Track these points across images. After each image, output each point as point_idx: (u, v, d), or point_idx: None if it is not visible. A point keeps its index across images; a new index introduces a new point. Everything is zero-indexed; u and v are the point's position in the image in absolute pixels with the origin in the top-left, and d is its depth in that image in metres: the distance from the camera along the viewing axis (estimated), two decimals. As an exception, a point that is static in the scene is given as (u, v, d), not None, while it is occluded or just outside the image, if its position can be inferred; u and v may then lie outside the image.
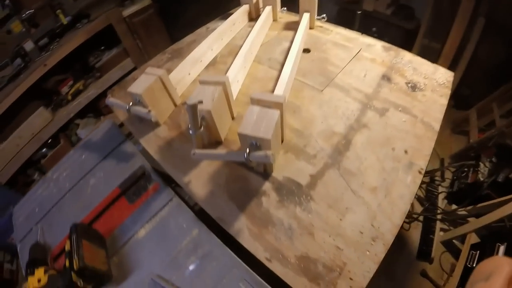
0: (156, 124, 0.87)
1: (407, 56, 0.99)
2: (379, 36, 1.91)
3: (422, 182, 1.55)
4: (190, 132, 0.72)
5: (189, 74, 0.94)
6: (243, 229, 0.68)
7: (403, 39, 1.82)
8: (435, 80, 0.92)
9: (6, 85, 1.48)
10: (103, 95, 1.65)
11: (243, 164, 0.76)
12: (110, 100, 0.83)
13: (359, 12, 1.54)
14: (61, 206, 0.84)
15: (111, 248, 0.74)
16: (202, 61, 0.98)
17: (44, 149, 1.59)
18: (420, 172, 0.74)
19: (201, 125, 0.72)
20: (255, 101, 0.70)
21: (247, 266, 0.66)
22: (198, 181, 0.75)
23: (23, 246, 0.78)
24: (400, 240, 1.44)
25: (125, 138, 0.91)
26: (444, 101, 0.87)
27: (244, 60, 0.92)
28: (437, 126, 0.82)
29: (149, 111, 0.78)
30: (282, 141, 0.79)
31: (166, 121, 0.88)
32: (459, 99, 1.86)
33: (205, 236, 0.70)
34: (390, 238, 0.66)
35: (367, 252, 0.64)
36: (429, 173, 1.52)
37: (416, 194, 1.60)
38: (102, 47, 1.75)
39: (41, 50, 1.48)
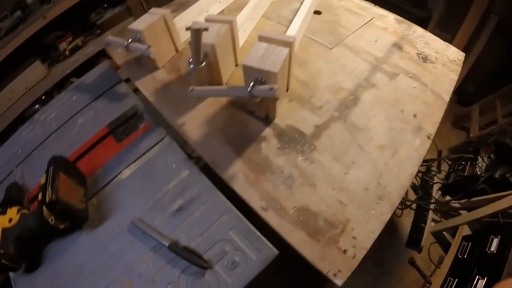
0: (155, 67, 0.78)
1: (419, 31, 0.93)
2: None
3: (418, 171, 1.48)
4: (191, 66, 0.64)
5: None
6: (238, 175, 0.60)
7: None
8: (446, 56, 0.86)
9: (3, 37, 1.37)
10: (101, 53, 1.55)
11: (244, 108, 0.68)
12: (109, 38, 0.75)
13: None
14: (45, 146, 0.75)
15: (92, 189, 0.65)
16: (209, 11, 0.90)
17: (37, 106, 1.47)
18: (429, 138, 0.67)
19: (203, 61, 0.64)
20: (263, 39, 0.63)
21: (239, 213, 0.57)
22: (194, 122, 0.67)
23: (1, 189, 0.68)
24: (391, 225, 1.37)
25: (120, 79, 0.81)
26: (454, 77, 0.81)
27: (253, 11, 0.85)
28: (446, 97, 0.76)
29: (149, 46, 0.70)
30: (287, 90, 0.71)
31: (166, 65, 0.80)
32: (463, 95, 1.81)
33: (195, 178, 0.61)
34: (397, 198, 0.59)
35: (372, 211, 0.57)
36: (426, 162, 1.46)
37: (411, 182, 1.55)
38: (105, 4, 1.63)
39: (42, 2, 1.38)
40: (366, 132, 0.66)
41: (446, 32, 1.64)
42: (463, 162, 1.38)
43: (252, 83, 0.56)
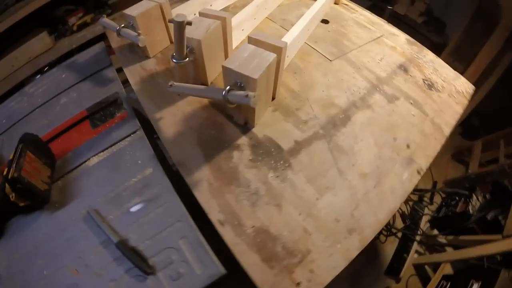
0: (146, 56, 0.72)
1: (429, 55, 0.83)
2: None
3: (409, 200, 1.38)
4: (173, 60, 0.57)
5: (195, 14, 0.79)
6: (202, 181, 0.53)
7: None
8: (454, 86, 0.77)
9: (13, 4, 1.32)
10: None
11: (224, 111, 0.61)
12: (104, 20, 0.70)
13: (390, 7, 1.38)
14: (27, 120, 0.70)
15: (59, 171, 0.60)
16: (212, 6, 0.83)
17: (38, 76, 1.44)
18: (419, 172, 0.59)
19: (187, 56, 0.57)
20: (252, 41, 0.55)
21: (193, 222, 0.51)
22: (171, 118, 0.61)
23: None
24: (373, 250, 1.28)
25: (110, 63, 0.76)
26: (459, 110, 0.72)
27: (256, 10, 0.77)
28: (447, 130, 0.67)
29: (139, 34, 0.64)
30: (273, 98, 0.64)
31: (157, 55, 0.73)
32: (467, 128, 1.68)
33: (158, 177, 0.55)
34: (369, 235, 0.50)
35: (339, 245, 0.49)
36: (419, 191, 1.35)
37: (400, 209, 1.44)
38: (120, -16, 1.58)
39: (57, -28, 1.35)
40: (350, 156, 0.57)
41: (460, 62, 1.51)
42: (457, 198, 1.26)
43: (228, 87, 0.49)
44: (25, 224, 0.54)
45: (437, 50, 1.60)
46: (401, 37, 0.86)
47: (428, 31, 1.65)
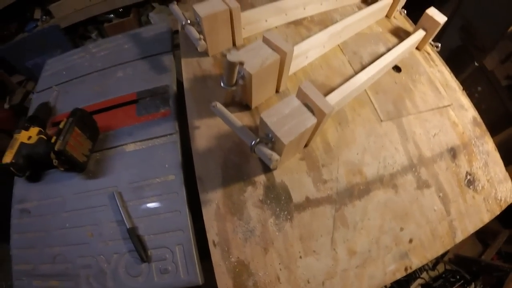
0: (205, 52, 0.71)
1: (489, 145, 0.74)
2: (479, 99, 1.50)
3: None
4: (221, 84, 0.57)
5: (266, 21, 0.75)
6: (212, 202, 0.58)
7: (498, 118, 1.42)
8: (495, 190, 0.70)
9: None
10: None
11: (253, 144, 0.62)
12: (174, 7, 0.68)
13: (477, 64, 1.17)
14: (84, 80, 0.77)
15: (100, 144, 0.68)
16: (288, 14, 0.77)
17: (111, 15, 1.48)
18: (406, 270, 0.59)
19: (237, 82, 0.57)
20: (300, 94, 0.53)
21: (192, 236, 0.58)
22: (206, 131, 0.64)
23: (37, 97, 0.74)
24: None
25: (170, 49, 0.77)
26: (486, 218, 0.67)
27: (328, 39, 0.71)
28: (460, 237, 0.64)
29: (200, 39, 0.62)
30: (306, 145, 0.62)
31: (216, 54, 0.72)
32: (505, 213, 1.49)
33: (177, 186, 0.61)
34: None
35: (300, 306, 0.53)
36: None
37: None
38: None
39: None
40: (349, 231, 0.58)
41: None
42: (458, 277, 1.21)
43: (258, 139, 0.50)
44: (60, 178, 0.65)
45: (509, 121, 1.37)
46: (469, 113, 0.75)
47: (508, 97, 1.39)
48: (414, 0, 0.89)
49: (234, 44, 0.73)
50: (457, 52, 1.61)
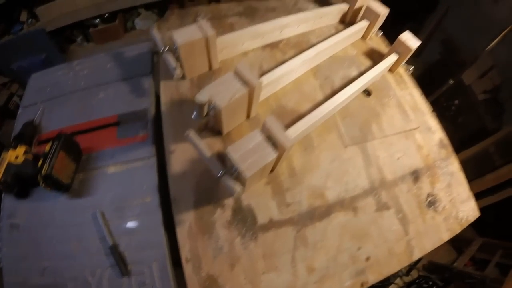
0: (183, 76, 0.76)
1: (454, 166, 0.79)
2: (455, 113, 1.54)
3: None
4: (193, 115, 0.63)
5: (243, 44, 0.79)
6: (185, 222, 0.65)
7: (474, 131, 1.46)
8: (457, 210, 0.75)
9: None
10: (174, 0, 1.48)
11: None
12: (154, 32, 0.72)
13: (451, 82, 1.20)
14: (68, 99, 0.81)
15: (83, 164, 0.73)
16: (264, 38, 0.81)
17: (97, 20, 1.51)
18: (362, 285, 0.65)
19: (208, 113, 0.63)
20: (265, 128, 0.58)
21: (167, 253, 0.64)
22: (181, 155, 0.69)
23: (23, 112, 0.79)
24: None
25: (150, 71, 0.81)
26: (445, 237, 0.72)
27: (301, 65, 0.75)
28: (418, 255, 0.69)
29: (176, 68, 0.68)
30: (272, 171, 0.68)
31: (193, 78, 0.77)
32: (480, 222, 1.55)
33: (153, 208, 0.67)
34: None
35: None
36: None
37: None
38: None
39: None
40: (309, 250, 0.64)
41: (502, 156, 1.31)
42: (430, 283, 1.28)
43: (223, 171, 0.56)
44: (48, 196, 0.70)
45: (484, 134, 1.41)
46: (435, 136, 0.80)
47: (484, 111, 1.43)
48: (397, 15, 0.93)
49: (210, 68, 0.78)
50: (437, 66, 1.64)
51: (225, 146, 0.69)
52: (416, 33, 0.81)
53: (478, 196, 1.38)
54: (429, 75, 1.59)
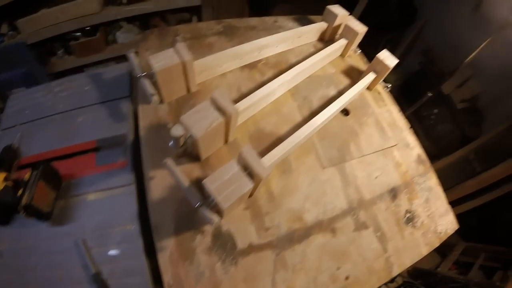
0: (161, 100, 0.77)
1: (431, 181, 0.81)
2: (435, 121, 1.59)
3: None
4: (170, 144, 0.64)
5: (221, 66, 0.80)
6: (166, 249, 0.65)
7: (453, 140, 1.50)
8: (435, 224, 0.77)
9: None
10: (157, 14, 1.48)
11: (203, 195, 0.69)
12: (131, 55, 0.72)
13: (430, 94, 1.23)
14: (47, 122, 0.81)
15: (64, 191, 0.73)
16: (243, 59, 0.82)
17: (79, 33, 1.50)
18: (340, 305, 0.67)
19: (185, 142, 0.63)
20: (241, 159, 0.59)
21: (149, 279, 0.66)
22: (160, 181, 0.70)
23: (2, 134, 0.79)
24: None
25: (129, 94, 0.82)
26: (424, 252, 0.74)
27: (279, 87, 0.76)
28: (397, 271, 0.71)
29: (153, 95, 0.68)
30: (251, 195, 0.70)
31: (172, 102, 0.78)
32: (464, 227, 1.58)
33: (134, 236, 0.68)
34: None
35: None
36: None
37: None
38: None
39: None
40: (288, 272, 0.66)
41: (481, 163, 1.35)
42: None
43: (201, 202, 0.57)
44: (30, 223, 0.70)
45: (463, 142, 1.46)
46: (414, 152, 0.82)
47: (463, 120, 1.47)
48: (379, 25, 0.94)
49: (188, 91, 0.79)
50: (417, 76, 1.67)
51: (203, 172, 0.71)
52: (396, 43, 0.83)
53: (460, 201, 1.43)
54: (409, 85, 1.62)
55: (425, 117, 1.48)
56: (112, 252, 0.68)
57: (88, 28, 1.47)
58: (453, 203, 1.37)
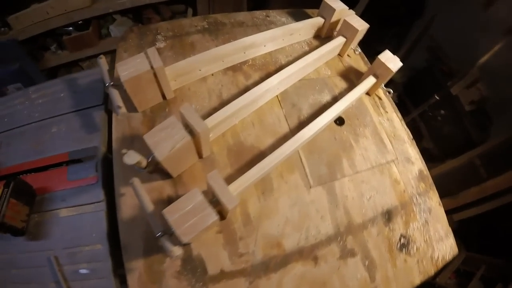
0: (135, 109, 0.71)
1: (433, 201, 0.72)
2: (441, 123, 1.44)
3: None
4: (135, 167, 0.58)
5: (200, 70, 0.72)
6: (135, 270, 0.62)
7: (459, 143, 1.36)
8: (432, 249, 0.70)
9: None
10: (149, 6, 1.38)
11: (173, 217, 0.65)
12: (101, 61, 0.66)
13: (437, 98, 1.09)
14: (24, 131, 0.78)
15: (38, 205, 0.71)
16: (225, 61, 0.73)
17: (71, 28, 1.44)
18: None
19: (149, 163, 0.58)
20: (209, 185, 0.54)
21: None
22: (130, 199, 0.65)
23: None
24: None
25: (102, 102, 0.76)
26: (417, 281, 0.68)
27: (264, 93, 0.67)
28: (386, 302, 0.65)
29: (120, 107, 0.62)
30: (224, 218, 0.64)
31: (146, 110, 0.72)
32: (467, 236, 1.49)
33: (103, 255, 0.65)
34: None
35: None
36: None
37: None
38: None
39: None
40: (263, 303, 0.62)
41: (486, 168, 1.21)
42: None
43: (162, 233, 0.53)
44: (6, 237, 0.67)
45: (469, 145, 1.31)
46: (414, 168, 0.73)
47: (470, 122, 1.31)
48: (382, 20, 0.82)
49: (164, 98, 0.72)
50: (423, 73, 1.49)
51: (175, 191, 0.65)
52: (402, 38, 0.72)
53: (462, 207, 1.32)
54: (415, 83, 1.48)
55: (431, 117, 1.35)
56: (83, 271, 0.66)
57: (80, 22, 1.42)
58: (455, 210, 1.29)
